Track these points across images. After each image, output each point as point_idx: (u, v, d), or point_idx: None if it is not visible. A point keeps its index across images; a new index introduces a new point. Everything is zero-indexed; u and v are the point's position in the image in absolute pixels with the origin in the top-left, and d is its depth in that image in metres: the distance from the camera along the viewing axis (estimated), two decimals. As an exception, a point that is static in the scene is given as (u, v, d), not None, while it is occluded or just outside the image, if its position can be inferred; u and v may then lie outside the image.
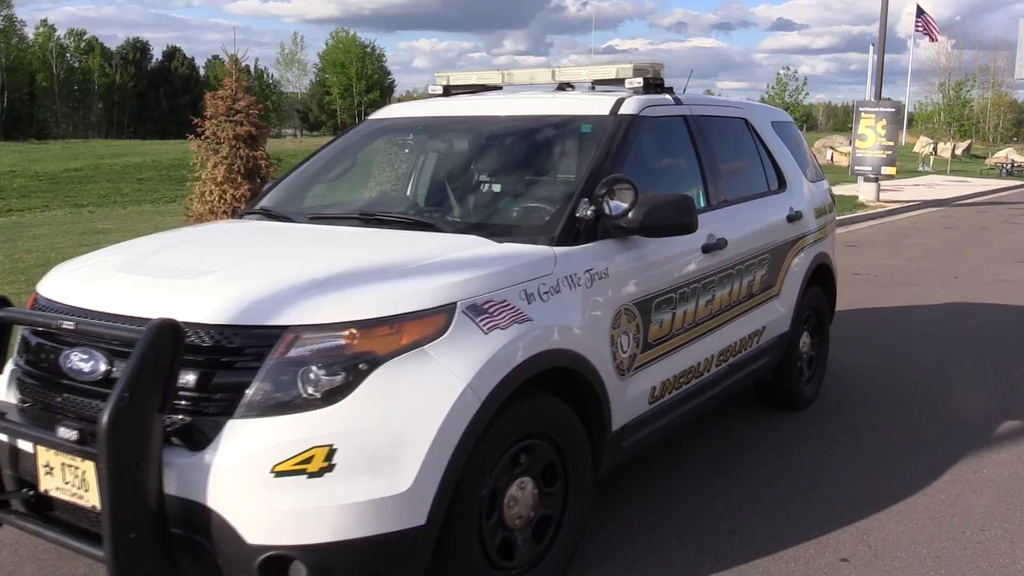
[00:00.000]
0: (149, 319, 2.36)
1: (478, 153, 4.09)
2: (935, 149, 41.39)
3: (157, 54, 75.50)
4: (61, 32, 72.08)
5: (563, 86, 4.34)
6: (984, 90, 62.64)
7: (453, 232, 3.27)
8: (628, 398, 3.31)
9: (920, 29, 34.40)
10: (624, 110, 3.70)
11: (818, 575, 3.20)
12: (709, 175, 4.11)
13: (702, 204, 4.00)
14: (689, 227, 3.30)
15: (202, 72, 75.22)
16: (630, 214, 3.12)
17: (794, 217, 4.80)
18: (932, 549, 3.40)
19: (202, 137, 10.28)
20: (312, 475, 2.35)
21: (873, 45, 30.11)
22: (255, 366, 2.43)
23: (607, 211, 3.12)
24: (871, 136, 18.68)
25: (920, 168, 36.34)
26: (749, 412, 4.96)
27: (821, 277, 5.24)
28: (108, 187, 20.04)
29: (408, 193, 4.37)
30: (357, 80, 73.34)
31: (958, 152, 43.98)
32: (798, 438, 4.60)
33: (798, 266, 4.85)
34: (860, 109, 19.30)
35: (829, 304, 5.46)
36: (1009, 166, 37.11)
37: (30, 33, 69.69)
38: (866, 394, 5.37)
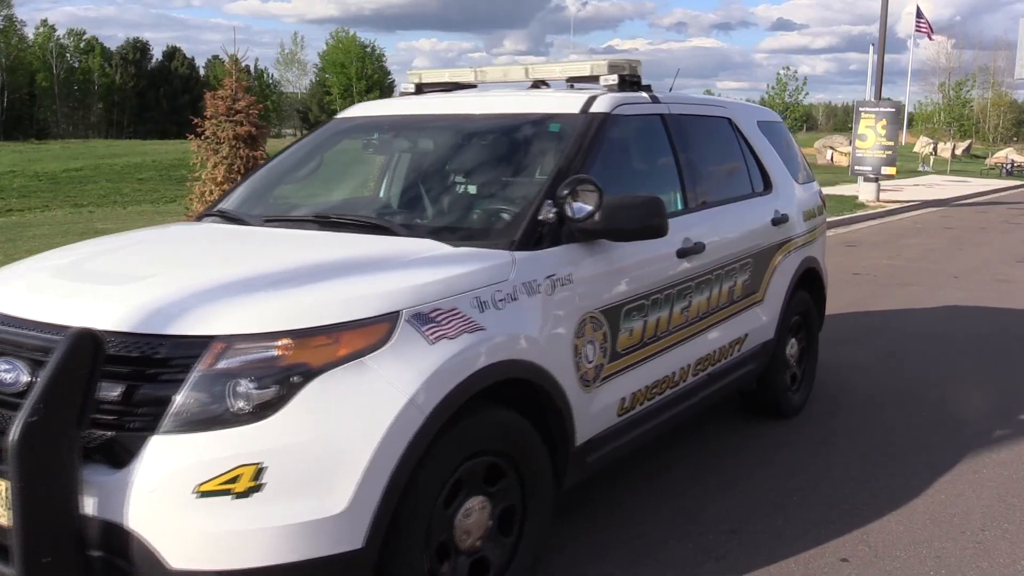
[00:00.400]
0: (70, 327, 2.25)
1: (443, 153, 3.93)
2: (935, 149, 41.37)
3: (157, 54, 75.56)
4: (61, 32, 72.14)
5: (537, 84, 4.22)
6: (984, 90, 62.65)
7: (408, 236, 3.10)
8: (594, 410, 3.16)
9: (921, 29, 34.41)
10: (595, 108, 3.55)
11: (818, 575, 3.20)
12: (687, 176, 3.95)
13: (679, 206, 3.87)
14: (658, 231, 3.14)
15: (202, 72, 75.23)
16: (595, 217, 2.96)
17: (780, 220, 4.63)
18: (932, 549, 3.39)
19: (202, 137, 10.28)
20: (238, 495, 2.20)
21: (873, 45, 30.13)
22: (181, 378, 2.28)
23: (569, 214, 2.96)
24: (871, 136, 18.67)
25: (920, 168, 36.33)
26: (748, 413, 4.94)
27: (809, 282, 5.08)
28: (108, 187, 20.05)
29: (370, 194, 4.23)
30: (357, 80, 73.28)
31: (958, 152, 43.96)
32: (797, 438, 4.59)
33: (784, 271, 4.67)
34: (860, 109, 19.29)
35: (818, 310, 5.29)
36: (1009, 166, 37.10)
37: (30, 33, 69.77)
38: (866, 394, 5.36)
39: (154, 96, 70.74)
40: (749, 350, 4.36)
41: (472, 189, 3.63)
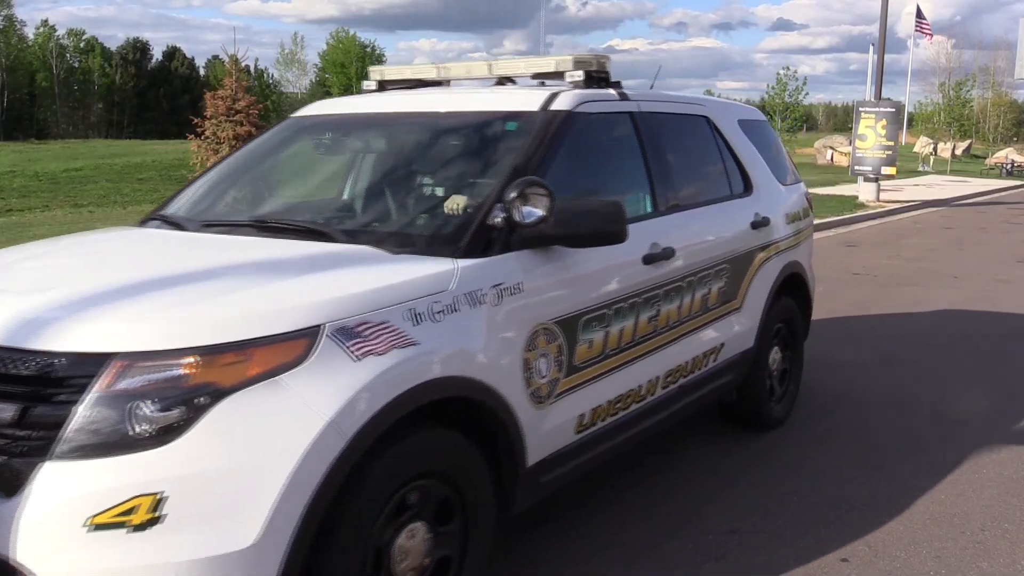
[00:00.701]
0: None
1: (395, 154, 3.77)
2: (935, 149, 41.38)
3: (157, 54, 75.74)
4: (61, 32, 72.19)
5: (502, 80, 4.02)
6: (984, 90, 62.66)
7: (347, 242, 2.91)
8: (547, 429, 2.96)
9: (922, 30, 34.41)
10: (556, 106, 3.36)
11: (818, 575, 3.20)
12: (657, 177, 3.74)
13: (648, 209, 3.67)
14: (616, 236, 2.95)
15: (202, 72, 75.36)
16: (548, 222, 2.78)
17: (760, 223, 4.42)
18: (932, 549, 3.40)
19: (202, 137, 10.30)
20: (135, 528, 2.01)
21: (873, 45, 30.11)
22: (76, 399, 2.09)
23: (518, 218, 2.76)
24: (871, 136, 18.67)
25: (920, 168, 36.33)
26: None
27: (793, 288, 4.86)
28: (108, 187, 20.06)
29: (318, 197, 4.01)
30: (357, 80, 73.25)
31: (958, 152, 43.97)
32: (797, 438, 4.58)
33: (764, 276, 4.46)
34: (860, 109, 19.28)
35: (803, 317, 5.08)
36: (1009, 166, 37.13)
37: (30, 33, 69.84)
38: (866, 394, 5.36)
39: (154, 96, 70.83)
40: (726, 360, 4.16)
41: (421, 192, 3.46)
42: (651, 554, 3.31)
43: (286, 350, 2.23)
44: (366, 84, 4.23)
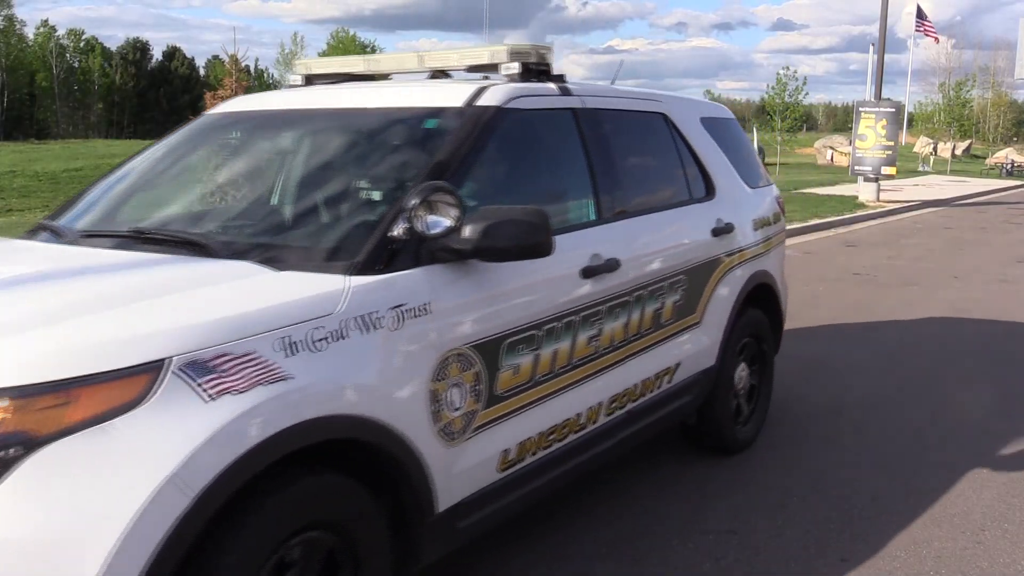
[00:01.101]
0: None
1: (299, 155, 3.44)
2: (935, 149, 41.44)
3: (157, 54, 75.52)
4: (61, 32, 72.15)
5: (436, 74, 3.67)
6: (984, 90, 62.66)
7: (227, 256, 2.55)
8: (463, 468, 2.61)
9: (920, 30, 34.43)
10: (483, 101, 3.02)
11: (818, 575, 3.20)
12: (602, 181, 3.40)
13: (591, 216, 3.33)
14: (539, 249, 2.60)
15: (202, 72, 75.21)
16: (463, 233, 2.47)
17: (722, 230, 4.07)
18: (932, 549, 3.39)
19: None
20: None
21: (873, 45, 30.11)
22: None
23: (421, 230, 2.44)
24: (871, 136, 18.68)
25: (920, 168, 36.36)
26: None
27: (762, 299, 4.51)
28: (108, 187, 20.02)
29: (214, 203, 3.50)
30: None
31: (958, 152, 44.02)
32: (797, 438, 4.58)
33: (728, 288, 4.11)
34: (860, 109, 19.31)
35: (773, 330, 4.72)
36: (1009, 166, 37.17)
37: (30, 33, 69.76)
38: (866, 394, 5.35)
39: (154, 96, 70.71)
40: (683, 380, 3.82)
41: (324, 199, 3.09)
42: (651, 554, 3.30)
43: (120, 390, 1.88)
44: (292, 79, 3.83)
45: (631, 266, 3.36)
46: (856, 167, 19.11)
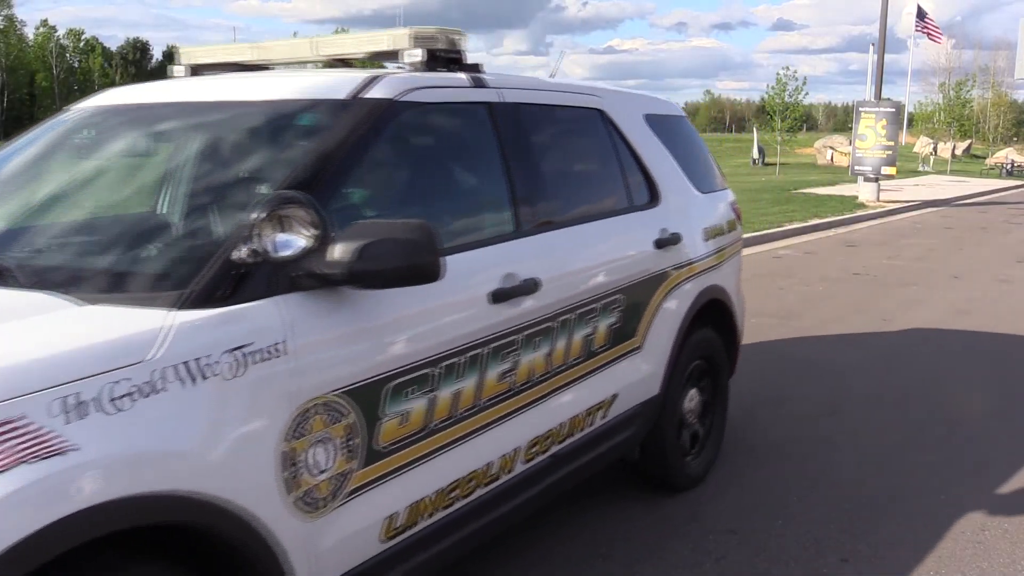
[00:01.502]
0: None
1: (148, 160, 3.01)
2: (935, 149, 41.44)
3: (157, 54, 75.64)
4: (61, 32, 72.23)
5: (336, 63, 3.25)
6: (984, 90, 62.65)
7: (26, 284, 2.09)
8: (333, 543, 2.16)
9: (920, 30, 34.43)
10: (373, 93, 2.56)
11: (818, 575, 3.20)
12: (522, 187, 2.95)
13: (508, 228, 2.88)
14: (422, 272, 2.14)
15: (202, 72, 75.35)
16: (334, 254, 2.03)
17: (668, 241, 3.63)
18: (932, 549, 3.39)
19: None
20: None
21: (873, 45, 30.11)
22: None
23: (268, 250, 1.99)
24: (871, 136, 18.69)
25: (920, 168, 36.37)
26: (744, 412, 4.94)
27: (714, 317, 4.08)
28: (108, 187, 19.99)
29: (45, 214, 2.85)
30: (357, 80, 73.27)
31: (958, 152, 44.04)
32: (797, 438, 4.59)
33: (674, 306, 3.68)
34: (860, 109, 19.31)
35: (728, 350, 4.26)
36: (1009, 166, 37.20)
37: (30, 33, 69.86)
38: (866, 394, 5.36)
39: (154, 96, 70.90)
40: (621, 414, 3.39)
41: (164, 212, 2.67)
42: (651, 554, 3.30)
43: None
44: (175, 69, 3.35)
45: (554, 286, 2.91)
46: (856, 167, 19.11)
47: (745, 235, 12.36)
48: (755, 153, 40.56)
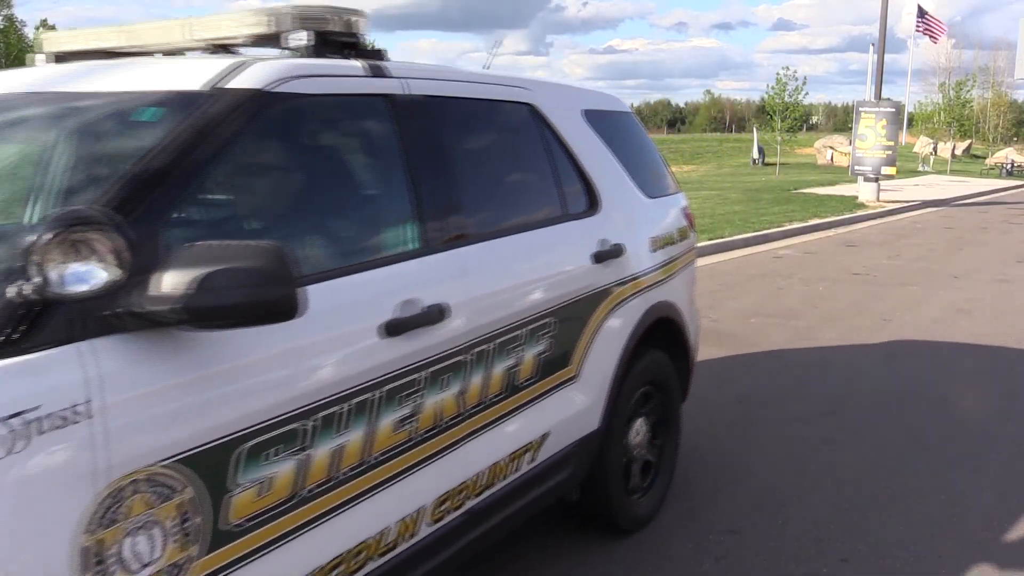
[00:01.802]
0: None
1: None
2: (935, 149, 41.46)
3: (157, 54, 75.63)
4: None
5: (217, 48, 2.71)
6: (984, 90, 62.67)
7: None
8: None
9: (922, 31, 34.44)
10: (237, 82, 2.10)
11: (818, 575, 3.20)
12: (429, 195, 2.48)
13: (411, 245, 2.41)
14: (274, 309, 1.70)
15: (202, 72, 75.33)
16: (160, 286, 1.61)
17: (609, 254, 3.21)
18: (932, 549, 3.39)
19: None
20: None
21: (873, 45, 30.12)
22: None
23: (50, 284, 1.54)
24: (871, 136, 18.70)
25: (920, 168, 36.39)
26: (744, 413, 4.91)
27: (664, 336, 3.66)
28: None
29: None
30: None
31: (958, 152, 44.06)
32: (798, 438, 4.59)
33: (617, 327, 3.24)
34: (860, 109, 19.33)
35: (680, 374, 3.84)
36: (1009, 166, 37.23)
37: (30, 33, 69.79)
38: (866, 394, 5.36)
39: (154, 96, 70.87)
40: (554, 455, 2.95)
41: None
42: (651, 554, 3.30)
43: None
44: (37, 58, 2.96)
45: (467, 313, 2.47)
46: (856, 167, 19.13)
47: (745, 235, 12.51)
48: (755, 153, 40.59)
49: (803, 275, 9.73)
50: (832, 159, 40.02)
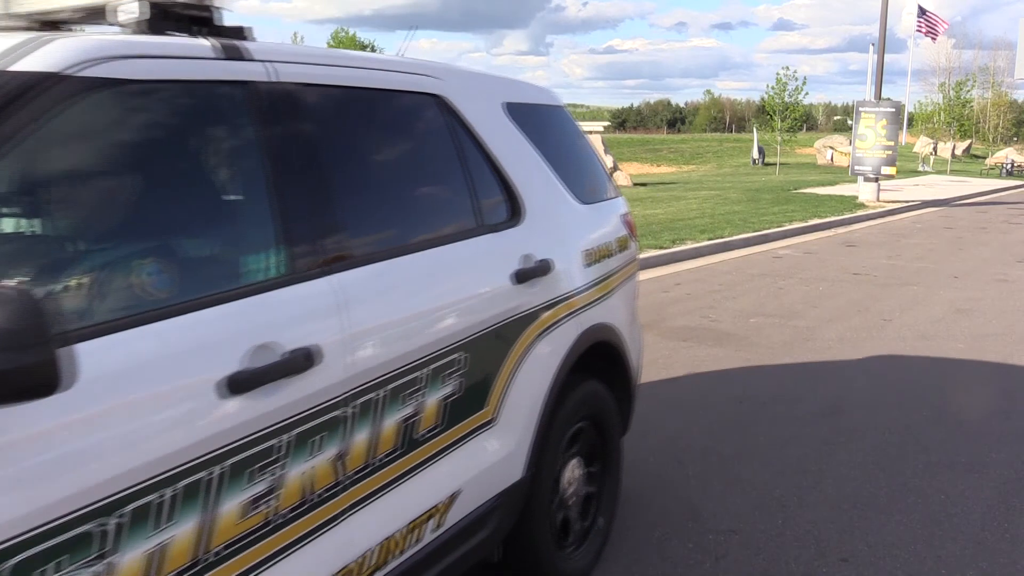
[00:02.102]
0: None
1: None
2: (935, 149, 41.49)
3: (157, 54, 75.68)
4: (61, 32, 72.34)
5: (44, 26, 2.23)
6: (984, 90, 62.67)
7: None
8: None
9: (921, 30, 34.44)
10: (27, 63, 1.61)
11: (818, 575, 3.20)
12: (297, 209, 2.00)
13: (273, 271, 1.93)
14: (21, 383, 1.29)
15: (202, 72, 75.37)
16: None
17: (533, 272, 2.75)
18: (932, 549, 3.39)
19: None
20: None
21: (873, 45, 30.14)
22: None
23: None
24: (871, 136, 18.70)
25: (920, 168, 36.40)
26: (744, 413, 4.91)
27: (600, 363, 3.22)
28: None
29: None
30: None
31: (958, 152, 44.07)
32: (797, 439, 4.59)
33: (544, 357, 2.78)
34: (860, 109, 19.33)
35: (620, 405, 3.38)
36: (1009, 166, 37.23)
37: (30, 33, 69.94)
38: (866, 394, 5.35)
39: (154, 96, 70.91)
40: (468, 515, 2.48)
41: None
42: (651, 554, 3.30)
43: None
44: None
45: (345, 356, 1.99)
46: (856, 167, 19.14)
47: (745, 235, 12.52)
48: (755, 153, 40.62)
49: (803, 275, 9.73)
50: (832, 159, 40.03)
